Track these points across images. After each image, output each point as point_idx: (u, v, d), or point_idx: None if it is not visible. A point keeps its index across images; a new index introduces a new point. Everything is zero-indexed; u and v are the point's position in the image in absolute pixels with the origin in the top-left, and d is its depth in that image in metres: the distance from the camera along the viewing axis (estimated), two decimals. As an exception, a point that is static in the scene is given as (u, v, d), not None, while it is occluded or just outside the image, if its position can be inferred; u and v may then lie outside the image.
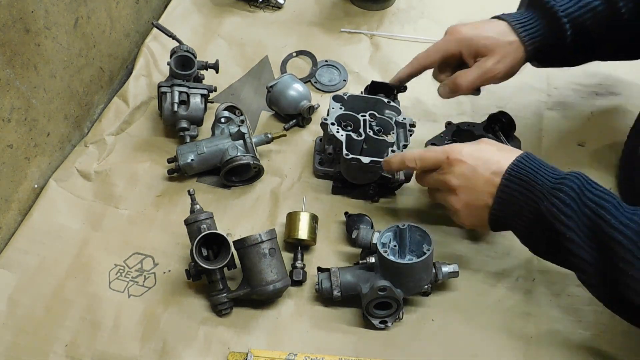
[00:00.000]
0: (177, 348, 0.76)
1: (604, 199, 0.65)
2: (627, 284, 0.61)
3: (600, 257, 0.63)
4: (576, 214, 0.65)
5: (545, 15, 0.83)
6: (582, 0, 0.82)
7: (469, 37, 0.84)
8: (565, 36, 0.83)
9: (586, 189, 0.66)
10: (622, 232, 0.62)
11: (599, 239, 0.63)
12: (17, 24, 0.79)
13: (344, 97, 0.91)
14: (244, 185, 0.93)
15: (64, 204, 0.90)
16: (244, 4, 1.21)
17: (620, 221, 0.63)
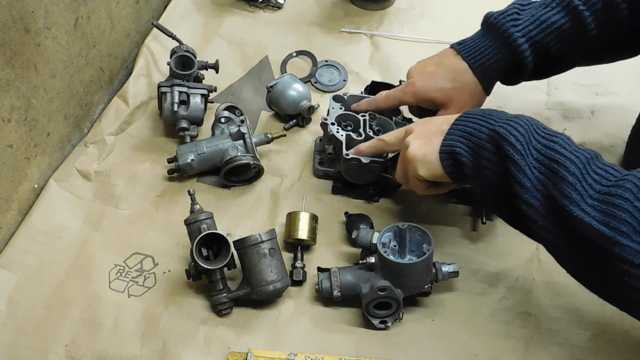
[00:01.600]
0: (177, 348, 0.76)
1: (554, 135, 0.66)
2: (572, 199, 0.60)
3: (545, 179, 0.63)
4: (524, 139, 0.65)
5: (504, 42, 0.81)
6: (547, 21, 0.80)
7: (423, 91, 0.85)
8: (525, 62, 0.82)
9: (539, 124, 0.67)
10: (572, 154, 0.63)
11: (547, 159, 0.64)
12: (17, 24, 0.79)
13: (344, 97, 0.91)
14: (244, 185, 0.93)
15: (64, 204, 0.90)
16: (244, 4, 1.21)
17: (571, 149, 0.64)
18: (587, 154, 0.63)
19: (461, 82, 0.83)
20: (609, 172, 0.61)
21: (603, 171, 0.62)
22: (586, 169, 0.62)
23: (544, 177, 0.63)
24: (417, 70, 0.87)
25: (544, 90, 1.06)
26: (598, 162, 0.63)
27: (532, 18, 0.81)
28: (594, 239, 0.58)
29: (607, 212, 0.58)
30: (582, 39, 0.81)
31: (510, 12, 0.83)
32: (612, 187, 0.60)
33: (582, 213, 0.59)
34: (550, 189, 0.62)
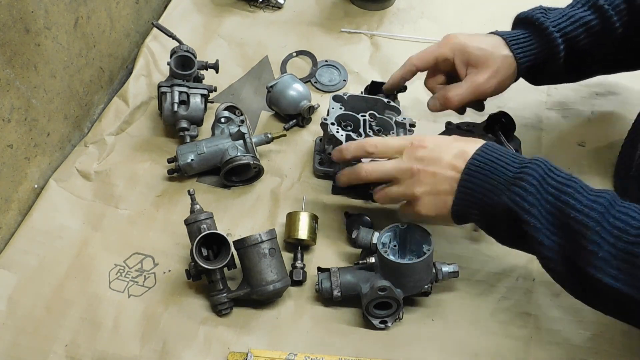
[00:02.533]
0: (177, 348, 0.76)
1: (567, 185, 0.64)
2: (596, 266, 0.60)
3: (565, 243, 0.63)
4: (538, 202, 0.64)
5: (538, 32, 0.83)
6: (574, 16, 0.82)
7: (463, 44, 0.84)
8: (558, 53, 0.82)
9: (548, 175, 0.65)
10: (587, 214, 0.61)
11: (563, 224, 0.62)
12: (17, 24, 0.79)
13: (344, 97, 0.91)
14: (244, 185, 0.93)
15: (64, 204, 0.90)
16: (244, 4, 1.21)
17: (585, 204, 0.62)
18: (602, 204, 0.62)
19: (499, 52, 0.83)
20: (628, 222, 0.61)
21: (622, 222, 0.61)
22: (604, 227, 0.60)
23: (565, 242, 0.63)
24: (455, 33, 0.86)
25: (544, 90, 1.06)
26: (614, 211, 0.62)
27: (560, 14, 0.83)
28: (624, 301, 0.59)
29: (635, 274, 0.58)
30: (609, 37, 0.82)
31: (537, 10, 0.85)
32: (633, 244, 0.59)
33: (609, 279, 0.59)
34: (573, 255, 0.62)
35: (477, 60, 0.83)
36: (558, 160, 0.95)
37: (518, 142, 0.92)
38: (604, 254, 0.59)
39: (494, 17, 1.20)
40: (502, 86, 0.85)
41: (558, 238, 0.63)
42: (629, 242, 0.59)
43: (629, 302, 0.59)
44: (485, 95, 0.85)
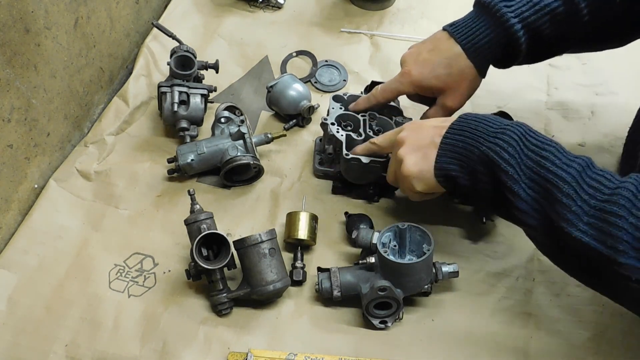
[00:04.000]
0: (177, 348, 0.76)
1: (546, 144, 0.66)
2: (568, 220, 0.61)
3: (540, 198, 0.64)
4: (517, 154, 0.66)
5: (498, 25, 0.80)
6: (539, 4, 0.79)
7: (419, 80, 0.85)
8: (519, 43, 0.81)
9: (528, 134, 0.67)
10: (564, 169, 0.63)
11: (540, 178, 0.64)
12: (17, 24, 0.79)
13: (344, 97, 0.91)
14: (244, 185, 0.93)
15: (64, 204, 0.90)
16: (244, 4, 1.21)
17: (563, 162, 0.64)
18: (579, 164, 0.64)
19: (457, 68, 0.83)
20: (603, 183, 0.62)
21: (596, 182, 0.62)
22: (579, 184, 0.62)
23: (540, 196, 0.64)
24: (411, 57, 0.86)
25: (544, 90, 1.06)
26: (591, 172, 0.63)
27: (525, 0, 0.80)
28: (593, 257, 0.60)
29: (604, 230, 0.59)
30: (575, 23, 0.81)
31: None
32: (606, 202, 0.60)
33: (579, 233, 0.60)
34: (547, 209, 0.63)
35: (439, 88, 0.85)
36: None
37: (518, 142, 0.91)
38: (576, 208, 0.61)
39: (494, 17, 1.20)
40: (472, 92, 0.87)
41: (534, 192, 0.64)
42: (601, 200, 0.61)
43: (597, 258, 0.60)
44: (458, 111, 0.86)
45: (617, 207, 0.59)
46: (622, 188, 0.60)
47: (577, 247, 0.61)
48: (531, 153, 0.66)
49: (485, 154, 0.67)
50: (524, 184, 0.65)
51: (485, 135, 0.69)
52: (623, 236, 0.58)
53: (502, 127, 0.69)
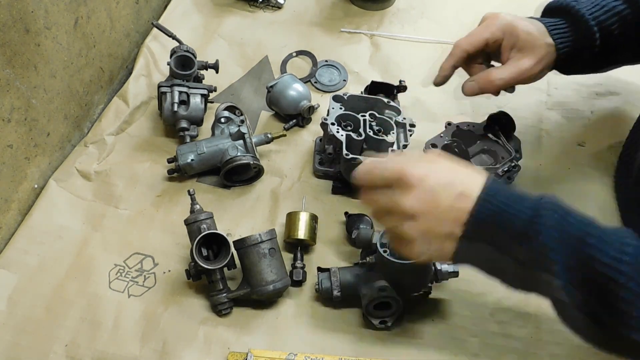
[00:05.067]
0: (177, 348, 0.76)
1: (587, 232, 0.55)
2: (631, 326, 0.52)
3: (590, 299, 0.54)
4: (559, 256, 0.55)
5: (575, 21, 0.80)
6: (607, 5, 0.80)
7: (512, 23, 0.79)
8: (594, 42, 0.80)
9: (565, 221, 0.56)
10: (615, 268, 0.53)
11: (587, 280, 0.54)
12: (17, 24, 0.79)
13: (344, 97, 0.91)
14: (244, 185, 0.93)
15: (64, 204, 0.90)
16: (244, 4, 1.21)
17: (611, 256, 0.53)
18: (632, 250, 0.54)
19: (544, 39, 0.79)
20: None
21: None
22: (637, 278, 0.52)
23: (590, 297, 0.54)
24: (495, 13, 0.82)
25: (544, 90, 1.06)
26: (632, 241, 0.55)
27: (592, 4, 0.81)
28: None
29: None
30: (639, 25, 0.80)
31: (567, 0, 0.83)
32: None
33: None
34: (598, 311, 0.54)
35: (524, 44, 0.79)
36: (558, 160, 0.97)
37: (518, 142, 0.92)
38: (638, 312, 0.52)
39: (494, 17, 1.20)
40: (542, 74, 0.82)
41: (582, 295, 0.54)
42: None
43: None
44: (527, 81, 0.81)
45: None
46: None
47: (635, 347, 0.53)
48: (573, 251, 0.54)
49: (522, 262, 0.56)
50: (571, 286, 0.54)
51: (514, 234, 0.56)
52: None
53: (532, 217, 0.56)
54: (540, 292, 0.59)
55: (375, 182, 0.62)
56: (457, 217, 0.58)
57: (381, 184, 0.62)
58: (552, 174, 0.95)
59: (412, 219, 0.59)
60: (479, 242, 0.58)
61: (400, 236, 0.61)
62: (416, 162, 0.61)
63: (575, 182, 0.94)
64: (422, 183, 0.59)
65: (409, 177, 0.59)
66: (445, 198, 0.58)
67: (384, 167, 0.62)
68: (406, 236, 0.60)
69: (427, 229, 0.59)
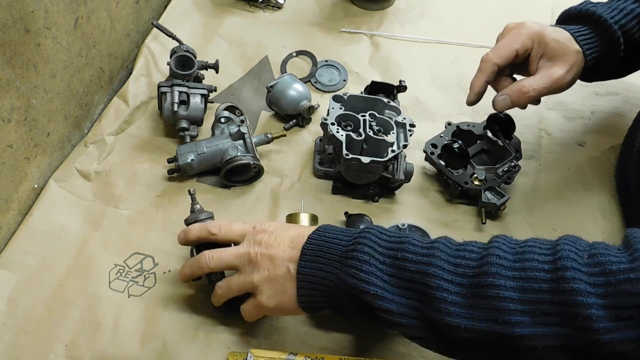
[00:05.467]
0: (177, 348, 0.76)
1: (399, 242, 0.61)
2: (450, 312, 0.55)
3: (414, 302, 0.58)
4: (375, 267, 0.59)
5: (598, 27, 0.79)
6: (626, 9, 0.79)
7: (540, 32, 0.78)
8: (619, 47, 0.79)
9: (380, 239, 0.62)
10: (425, 262, 0.57)
11: (405, 283, 0.58)
12: (17, 24, 0.79)
13: (344, 97, 0.91)
14: (244, 185, 0.93)
15: (64, 204, 0.90)
16: (244, 4, 1.21)
17: (421, 254, 0.58)
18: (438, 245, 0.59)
19: (573, 46, 0.78)
20: (466, 257, 0.57)
21: (461, 259, 0.57)
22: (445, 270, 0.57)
23: (414, 302, 0.58)
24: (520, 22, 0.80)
25: (544, 90, 1.06)
26: (450, 251, 0.58)
27: (611, 8, 0.80)
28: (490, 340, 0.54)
29: (488, 307, 0.54)
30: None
31: (589, 4, 0.82)
32: (478, 276, 0.55)
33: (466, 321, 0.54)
34: (426, 312, 0.57)
35: (554, 52, 0.77)
36: (558, 160, 0.97)
37: (518, 142, 0.92)
38: (453, 297, 0.55)
39: (494, 17, 1.20)
40: (572, 83, 0.80)
41: (406, 299, 0.58)
42: (472, 276, 0.56)
43: (495, 340, 0.54)
44: (559, 90, 0.79)
45: (490, 277, 0.54)
46: (488, 256, 0.56)
47: (470, 336, 0.55)
48: (388, 259, 0.60)
49: (344, 280, 0.61)
50: (393, 295, 0.58)
51: (339, 258, 0.62)
52: (510, 306, 0.53)
53: (352, 240, 0.63)
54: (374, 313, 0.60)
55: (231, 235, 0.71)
56: (292, 258, 0.65)
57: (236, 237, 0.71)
58: (552, 174, 0.95)
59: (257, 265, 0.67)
60: (315, 278, 0.63)
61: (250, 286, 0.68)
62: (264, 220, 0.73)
63: (575, 182, 0.94)
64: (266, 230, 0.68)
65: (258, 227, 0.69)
66: (284, 239, 0.67)
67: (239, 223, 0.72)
68: (253, 285, 0.67)
69: (268, 272, 0.66)
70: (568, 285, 0.51)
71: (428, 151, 0.91)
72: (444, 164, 0.89)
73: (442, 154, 0.90)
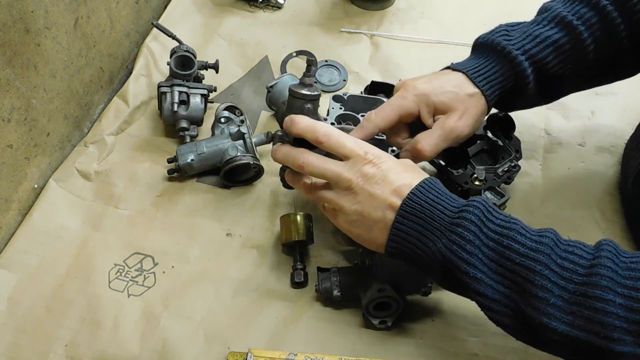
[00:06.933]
0: (177, 348, 0.76)
1: (508, 227, 0.59)
2: (549, 314, 0.55)
3: (511, 293, 0.57)
4: (478, 249, 0.59)
5: (502, 59, 0.76)
6: (540, 36, 0.76)
7: (425, 92, 0.76)
8: (526, 78, 0.76)
9: (487, 218, 0.60)
10: (532, 258, 0.56)
11: (507, 272, 0.58)
12: (17, 24, 0.79)
13: (344, 97, 0.91)
14: (244, 185, 0.93)
15: (64, 204, 0.90)
16: (244, 4, 1.21)
17: (529, 247, 0.57)
18: (546, 244, 0.57)
19: (465, 91, 0.75)
20: (576, 262, 0.56)
21: (569, 262, 0.56)
22: (552, 270, 0.56)
23: (511, 292, 0.57)
24: (411, 80, 0.79)
25: (544, 90, 1.06)
26: (560, 250, 0.57)
27: (523, 35, 0.77)
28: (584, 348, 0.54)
29: (592, 318, 0.53)
30: (580, 54, 0.76)
31: (498, 31, 0.79)
32: (586, 285, 0.54)
33: (565, 327, 0.54)
34: (521, 305, 0.57)
35: (444, 106, 0.75)
36: (558, 160, 0.97)
37: (518, 142, 0.92)
38: (555, 300, 0.55)
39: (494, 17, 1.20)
40: (476, 126, 0.78)
41: (503, 287, 0.58)
42: (580, 283, 0.55)
43: (588, 350, 0.54)
44: (459, 139, 0.77)
45: (600, 290, 0.53)
46: (599, 266, 0.55)
47: (565, 340, 0.54)
48: (493, 243, 0.59)
49: (443, 254, 0.60)
50: (491, 280, 0.58)
51: (441, 227, 0.61)
52: (615, 322, 0.52)
53: (458, 212, 0.61)
54: (466, 290, 0.60)
55: (338, 149, 0.66)
56: (393, 205, 0.63)
57: (342, 154, 0.66)
58: (552, 174, 0.95)
59: (354, 195, 0.65)
60: (409, 237, 0.62)
61: (336, 206, 0.67)
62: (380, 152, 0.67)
63: (576, 182, 0.94)
64: (377, 165, 0.65)
65: (370, 156, 0.65)
66: (392, 183, 0.64)
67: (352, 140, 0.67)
68: (342, 208, 0.66)
69: (362, 207, 0.64)
70: None
71: (428, 151, 0.91)
72: (443, 164, 0.89)
73: (442, 153, 0.89)
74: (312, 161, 0.67)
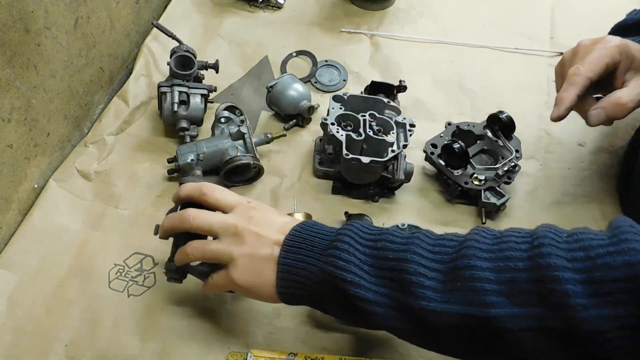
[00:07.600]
0: (177, 348, 0.76)
1: (380, 234, 0.61)
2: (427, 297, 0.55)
3: (391, 291, 0.58)
4: (354, 256, 0.59)
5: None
6: None
7: (626, 45, 0.75)
8: None
9: (361, 231, 0.62)
10: (404, 249, 0.58)
11: (383, 271, 0.58)
12: (17, 24, 0.79)
13: (344, 97, 0.91)
14: (244, 185, 0.93)
15: (64, 204, 0.90)
16: (244, 4, 1.21)
17: (400, 242, 0.59)
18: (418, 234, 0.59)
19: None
20: (445, 244, 0.58)
21: (439, 246, 0.58)
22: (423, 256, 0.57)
23: (391, 290, 0.58)
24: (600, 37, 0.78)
25: (544, 90, 1.06)
26: (430, 240, 0.59)
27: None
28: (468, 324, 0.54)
29: (464, 288, 0.53)
30: None
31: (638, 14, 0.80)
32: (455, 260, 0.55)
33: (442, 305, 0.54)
34: (402, 299, 0.57)
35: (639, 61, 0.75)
36: (558, 160, 0.97)
37: (518, 142, 0.92)
38: (430, 282, 0.55)
39: (494, 17, 1.20)
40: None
41: (384, 288, 0.58)
42: (450, 261, 0.56)
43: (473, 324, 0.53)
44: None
45: (467, 259, 0.54)
46: (465, 242, 0.56)
47: (448, 321, 0.54)
48: (367, 250, 0.60)
49: (322, 269, 0.60)
50: (371, 284, 0.58)
51: (320, 251, 0.62)
52: (486, 286, 0.52)
53: (335, 235, 0.62)
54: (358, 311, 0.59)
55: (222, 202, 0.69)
56: (276, 241, 0.64)
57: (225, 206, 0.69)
58: (552, 174, 0.95)
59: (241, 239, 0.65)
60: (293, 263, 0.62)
61: (226, 257, 0.66)
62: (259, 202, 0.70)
63: (576, 182, 0.94)
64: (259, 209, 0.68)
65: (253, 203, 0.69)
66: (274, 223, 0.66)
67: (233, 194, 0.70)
68: (230, 256, 0.65)
69: (251, 249, 0.64)
70: (544, 261, 0.51)
71: (428, 151, 0.91)
72: (444, 164, 0.89)
73: (442, 154, 0.90)
74: (199, 214, 0.68)
